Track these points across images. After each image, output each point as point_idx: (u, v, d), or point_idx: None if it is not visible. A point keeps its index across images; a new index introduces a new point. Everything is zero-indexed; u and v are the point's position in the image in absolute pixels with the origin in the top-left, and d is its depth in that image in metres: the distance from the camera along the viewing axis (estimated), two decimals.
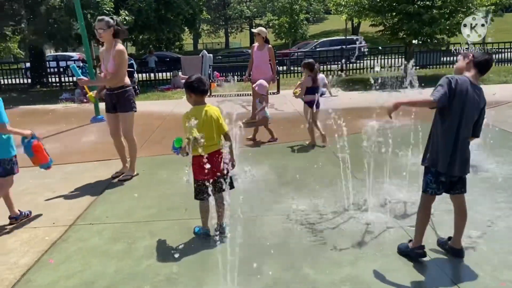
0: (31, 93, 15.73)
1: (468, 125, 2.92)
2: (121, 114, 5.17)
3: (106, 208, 4.41)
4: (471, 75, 2.94)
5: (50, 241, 3.68)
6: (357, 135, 5.07)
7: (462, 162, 2.95)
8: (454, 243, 3.13)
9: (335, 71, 17.40)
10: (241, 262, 2.85)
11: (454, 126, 2.89)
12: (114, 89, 5.12)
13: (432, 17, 13.61)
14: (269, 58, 8.05)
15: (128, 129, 5.25)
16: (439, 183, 2.99)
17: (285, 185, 4.82)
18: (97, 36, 5.11)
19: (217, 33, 53.34)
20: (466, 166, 2.99)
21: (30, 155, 4.09)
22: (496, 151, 5.52)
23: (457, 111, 2.87)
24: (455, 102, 2.84)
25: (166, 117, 9.72)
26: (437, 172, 2.97)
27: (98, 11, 15.80)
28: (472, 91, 2.88)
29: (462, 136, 2.91)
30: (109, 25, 5.00)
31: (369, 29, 19.24)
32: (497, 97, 8.73)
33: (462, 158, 2.94)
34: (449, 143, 2.90)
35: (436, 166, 2.97)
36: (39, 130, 3.91)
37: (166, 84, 16.68)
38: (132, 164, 5.42)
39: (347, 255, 3.24)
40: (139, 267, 3.21)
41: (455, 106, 2.85)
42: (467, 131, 2.93)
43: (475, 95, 2.89)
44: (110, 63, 5.04)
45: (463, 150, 2.93)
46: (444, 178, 2.97)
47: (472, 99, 2.88)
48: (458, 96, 2.84)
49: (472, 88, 2.89)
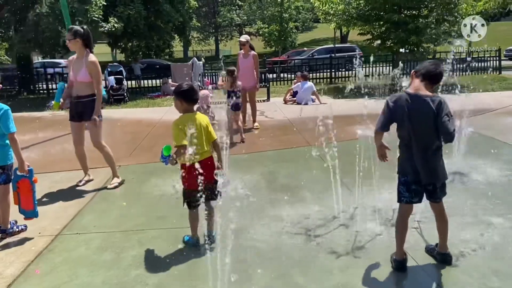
0: (18, 100, 15.56)
1: (421, 135, 2.94)
2: (89, 122, 5.11)
3: (94, 217, 4.35)
4: (414, 87, 3.00)
5: (36, 251, 3.61)
6: (347, 142, 5.09)
7: (430, 170, 2.96)
8: (440, 248, 3.16)
9: (326, 79, 17.55)
10: (231, 271, 2.83)
11: (406, 138, 2.99)
12: (82, 97, 5.08)
13: (417, 26, 13.83)
14: (253, 65, 8.25)
15: (96, 137, 5.19)
16: (411, 191, 3.02)
17: (274, 193, 4.81)
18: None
19: (207, 41, 53.43)
20: (435, 174, 2.99)
21: (13, 188, 3.89)
22: (483, 157, 5.60)
23: (404, 125, 2.96)
24: (398, 118, 2.98)
25: (156, 124, 9.66)
26: (407, 181, 3.02)
27: (87, 19, 15.76)
28: (415, 103, 2.93)
29: (420, 146, 2.94)
30: (75, 35, 4.98)
31: (357, 37, 19.47)
32: (482, 105, 8.88)
33: (429, 166, 2.95)
34: (409, 153, 2.99)
35: (405, 175, 3.04)
36: (26, 137, 3.85)
37: (156, 92, 16.62)
38: (113, 171, 5.37)
39: (338, 263, 3.24)
40: (128, 277, 3.17)
41: (400, 121, 2.98)
42: (423, 141, 2.94)
43: (419, 106, 2.92)
44: (82, 72, 5.02)
45: (426, 159, 2.94)
46: (415, 186, 3.00)
47: (415, 110, 2.92)
48: (398, 112, 2.96)
49: (414, 99, 2.94)
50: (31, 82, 18.72)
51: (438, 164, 3.00)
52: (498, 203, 4.21)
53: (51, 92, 17.77)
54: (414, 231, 3.65)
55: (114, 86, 14.63)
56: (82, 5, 15.76)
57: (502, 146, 6.39)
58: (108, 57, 44.43)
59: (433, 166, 2.97)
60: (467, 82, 7.95)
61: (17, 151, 3.80)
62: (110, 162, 5.36)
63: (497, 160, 5.59)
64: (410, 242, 3.38)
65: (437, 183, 3.02)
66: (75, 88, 5.14)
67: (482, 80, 15.11)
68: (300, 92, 12.07)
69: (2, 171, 3.81)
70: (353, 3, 15.24)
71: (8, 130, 3.72)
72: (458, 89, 5.52)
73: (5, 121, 3.72)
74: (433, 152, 2.97)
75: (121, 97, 14.45)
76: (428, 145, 2.95)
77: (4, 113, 3.73)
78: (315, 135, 4.14)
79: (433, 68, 3.02)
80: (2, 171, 3.81)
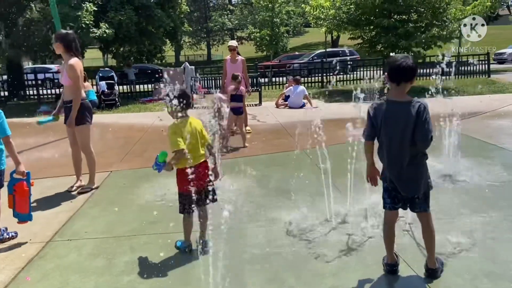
0: (8, 106, 15.42)
1: (396, 143, 2.84)
2: (75, 127, 5.10)
3: (85, 223, 4.32)
4: (390, 91, 2.91)
5: (27, 258, 3.57)
6: (338, 145, 5.12)
7: (407, 181, 2.88)
8: (428, 262, 3.03)
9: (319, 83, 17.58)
10: (225, 275, 2.82)
11: (383, 145, 2.93)
12: (67, 102, 5.09)
13: (407, 31, 13.97)
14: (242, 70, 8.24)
15: (83, 142, 5.18)
16: (393, 198, 2.98)
17: (267, 197, 4.82)
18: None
19: (199, 45, 53.48)
20: (412, 186, 2.89)
21: (9, 191, 3.88)
22: (472, 160, 5.65)
23: (382, 132, 2.90)
24: (378, 126, 2.91)
25: (147, 129, 9.63)
26: (387, 187, 3.00)
27: (77, 24, 15.69)
28: (392, 110, 2.85)
29: (395, 155, 2.86)
30: (56, 39, 5.00)
31: (348, 41, 19.58)
32: (471, 108, 8.98)
33: (406, 177, 2.87)
34: (386, 162, 2.94)
35: (386, 182, 3.01)
36: (16, 143, 3.81)
37: (147, 96, 16.58)
38: (91, 176, 5.35)
39: (330, 266, 3.25)
40: (120, 283, 3.15)
41: (378, 128, 2.92)
42: (398, 150, 2.84)
43: (394, 113, 2.84)
44: (64, 76, 5.03)
45: (401, 170, 2.85)
46: (395, 192, 2.95)
47: (390, 117, 2.84)
48: (377, 119, 2.90)
49: (391, 106, 2.86)
50: (21, 88, 18.56)
51: (416, 175, 2.88)
52: (489, 205, 4.25)
53: (42, 98, 17.66)
54: (406, 234, 3.67)
55: (106, 91, 14.57)
56: (73, 11, 15.70)
57: (492, 149, 6.46)
58: (99, 62, 44.35)
59: (410, 177, 2.87)
60: (456, 86, 8.03)
61: (14, 153, 3.77)
62: (92, 169, 5.34)
63: (487, 163, 5.65)
64: (402, 245, 3.40)
65: (415, 194, 2.92)
66: (63, 93, 5.20)
67: (471, 83, 15.30)
68: (292, 96, 12.11)
69: None
70: (343, 8, 15.36)
71: (5, 133, 3.71)
72: (445, 93, 5.57)
73: (2, 124, 3.71)
74: (410, 162, 2.85)
75: (113, 102, 14.39)
76: (404, 155, 2.84)
77: (1, 116, 3.72)
78: (307, 139, 4.16)
79: (394, 62, 2.84)
80: None
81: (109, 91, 14.61)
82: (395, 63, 2.83)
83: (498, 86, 14.66)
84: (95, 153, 5.41)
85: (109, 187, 5.50)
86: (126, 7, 18.66)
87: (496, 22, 47.89)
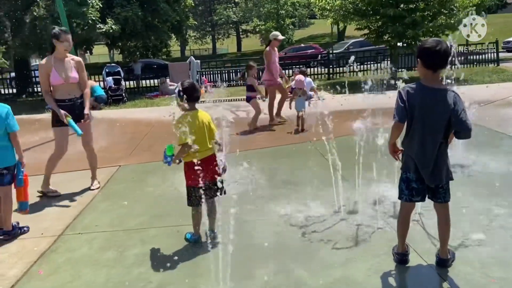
0: (17, 103, 15.54)
1: (429, 131, 2.76)
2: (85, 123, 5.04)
3: (96, 216, 4.36)
4: (423, 77, 2.81)
5: (39, 251, 3.62)
6: (346, 137, 5.11)
7: (434, 169, 2.80)
8: (441, 253, 3.02)
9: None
10: (233, 266, 2.84)
11: (415, 131, 2.81)
12: (72, 99, 4.99)
13: (414, 20, 13.81)
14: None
15: (55, 145, 5.10)
16: (411, 190, 2.90)
17: (275, 188, 4.82)
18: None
19: (204, 39, 53.38)
20: (438, 174, 2.83)
21: (20, 183, 3.90)
22: (484, 149, 5.60)
23: (415, 117, 2.79)
24: (409, 111, 2.79)
25: (154, 124, 9.67)
26: (408, 178, 2.91)
27: (84, 20, 15.72)
28: (429, 96, 2.75)
29: (427, 143, 2.78)
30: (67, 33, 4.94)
31: (354, 32, 19.40)
32: (481, 96, 8.88)
33: (434, 165, 2.80)
34: (413, 150, 2.84)
35: (407, 171, 2.92)
36: (26, 140, 3.87)
37: (154, 91, 16.61)
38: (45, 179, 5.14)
39: (339, 257, 3.25)
40: (130, 275, 3.18)
41: (410, 114, 2.80)
42: (432, 137, 2.77)
43: (430, 99, 2.75)
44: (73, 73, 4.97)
45: (432, 157, 2.78)
46: (416, 184, 2.88)
47: (427, 104, 2.74)
48: (410, 104, 2.78)
49: (428, 93, 2.76)
50: (29, 84, 18.69)
51: (443, 163, 2.83)
52: (498, 194, 4.22)
53: None
54: (416, 224, 3.66)
55: (113, 87, 14.63)
56: (79, 7, 15.72)
57: (502, 138, 6.40)
58: (106, 58, 44.51)
59: (437, 165, 2.81)
60: (466, 74, 7.95)
61: (19, 148, 3.88)
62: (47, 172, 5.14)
63: (498, 152, 5.61)
64: (412, 234, 3.38)
65: (440, 183, 2.87)
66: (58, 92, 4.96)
67: (480, 71, 15.12)
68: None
69: (7, 172, 3.83)
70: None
71: (13, 128, 3.79)
72: (456, 81, 5.52)
73: (12, 119, 3.79)
74: (440, 150, 2.80)
75: (120, 97, 14.45)
76: (436, 143, 2.78)
77: (10, 112, 3.80)
78: (314, 130, 4.15)
79: (431, 49, 2.69)
80: (7, 171, 3.83)
81: (116, 87, 14.68)
82: (432, 49, 2.69)
83: (507, 74, 14.48)
84: (104, 148, 5.44)
85: (118, 181, 5.54)
86: (131, 2, 18.64)
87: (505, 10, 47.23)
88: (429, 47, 2.72)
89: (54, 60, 4.88)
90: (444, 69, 2.81)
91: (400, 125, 2.84)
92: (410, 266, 3.07)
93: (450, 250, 3.08)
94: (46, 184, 5.09)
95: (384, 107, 4.48)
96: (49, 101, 4.85)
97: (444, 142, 2.83)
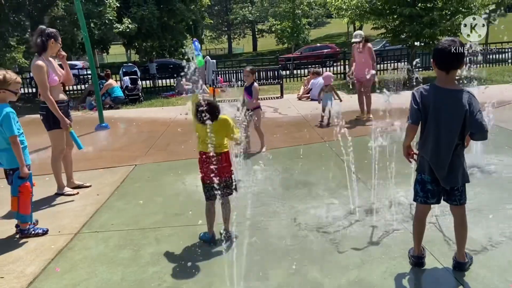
0: (36, 102, 15.84)
1: (444, 132, 2.72)
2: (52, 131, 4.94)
3: (112, 215, 4.41)
4: (438, 77, 2.77)
5: (56, 249, 3.68)
6: (362, 137, 5.05)
7: (449, 171, 2.76)
8: (458, 256, 2.97)
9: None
10: (248, 267, 2.84)
11: (429, 133, 2.78)
12: (62, 101, 4.99)
13: (432, 19, 13.60)
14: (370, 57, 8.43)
15: (52, 147, 5.02)
16: (426, 191, 2.87)
17: (290, 189, 4.81)
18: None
19: (220, 39, 53.54)
20: (454, 176, 2.78)
21: (13, 193, 3.82)
22: (503, 151, 5.49)
23: (430, 119, 2.75)
24: (424, 112, 2.76)
25: (170, 123, 9.74)
26: (423, 179, 2.87)
27: (101, 20, 15.93)
28: (444, 97, 2.71)
29: (442, 144, 2.74)
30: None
31: (371, 31, 19.22)
32: (501, 97, 8.69)
33: (450, 167, 2.75)
34: (428, 151, 2.80)
35: (422, 173, 2.88)
36: (44, 139, 3.92)
37: (170, 91, 16.74)
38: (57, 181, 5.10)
39: (354, 259, 3.22)
40: (145, 274, 3.21)
41: (424, 116, 2.77)
42: (447, 139, 2.73)
43: (444, 100, 2.71)
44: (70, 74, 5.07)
45: (447, 159, 2.74)
46: (431, 186, 2.84)
47: (442, 105, 2.71)
48: (425, 106, 2.75)
49: (443, 94, 2.72)
50: None
51: (459, 165, 2.78)
52: None
53: (68, 94, 18.03)
54: (433, 226, 3.60)
55: (129, 86, 14.79)
56: (96, 7, 15.94)
57: None
58: (123, 58, 44.99)
59: (453, 167, 2.76)
60: (485, 74, 7.79)
61: (19, 154, 3.79)
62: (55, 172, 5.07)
63: None
64: (428, 237, 3.34)
65: (456, 185, 2.82)
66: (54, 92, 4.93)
67: (500, 71, 14.80)
68: (314, 88, 12.03)
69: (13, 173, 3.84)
70: None
71: (9, 133, 3.72)
72: (475, 82, 5.42)
73: (7, 124, 3.73)
74: (455, 152, 2.76)
75: (136, 97, 14.60)
76: (451, 144, 2.73)
77: (7, 116, 3.73)
78: (329, 131, 4.11)
79: (445, 50, 2.66)
80: (13, 172, 3.84)
81: (132, 86, 14.83)
82: (444, 50, 2.68)
83: None
84: (121, 147, 5.47)
85: (134, 180, 5.59)
86: (148, 2, 18.81)
87: None
88: (441, 48, 2.71)
89: (47, 60, 4.84)
90: (458, 69, 2.76)
91: (414, 127, 2.82)
92: (426, 268, 3.03)
93: (468, 253, 3.02)
94: (60, 187, 5.09)
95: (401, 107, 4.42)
96: (51, 106, 4.78)
97: (460, 143, 2.78)
